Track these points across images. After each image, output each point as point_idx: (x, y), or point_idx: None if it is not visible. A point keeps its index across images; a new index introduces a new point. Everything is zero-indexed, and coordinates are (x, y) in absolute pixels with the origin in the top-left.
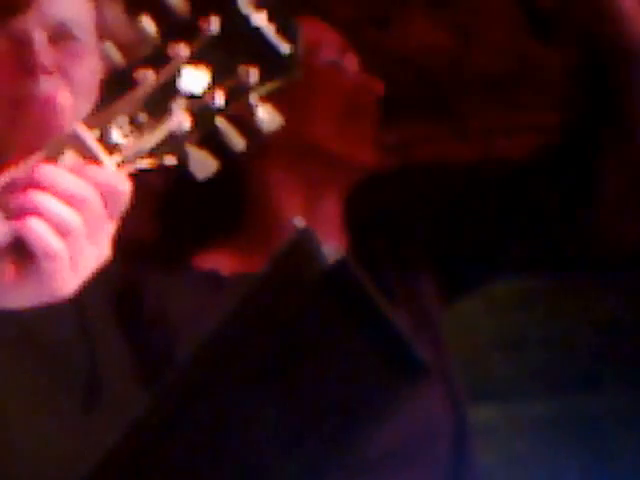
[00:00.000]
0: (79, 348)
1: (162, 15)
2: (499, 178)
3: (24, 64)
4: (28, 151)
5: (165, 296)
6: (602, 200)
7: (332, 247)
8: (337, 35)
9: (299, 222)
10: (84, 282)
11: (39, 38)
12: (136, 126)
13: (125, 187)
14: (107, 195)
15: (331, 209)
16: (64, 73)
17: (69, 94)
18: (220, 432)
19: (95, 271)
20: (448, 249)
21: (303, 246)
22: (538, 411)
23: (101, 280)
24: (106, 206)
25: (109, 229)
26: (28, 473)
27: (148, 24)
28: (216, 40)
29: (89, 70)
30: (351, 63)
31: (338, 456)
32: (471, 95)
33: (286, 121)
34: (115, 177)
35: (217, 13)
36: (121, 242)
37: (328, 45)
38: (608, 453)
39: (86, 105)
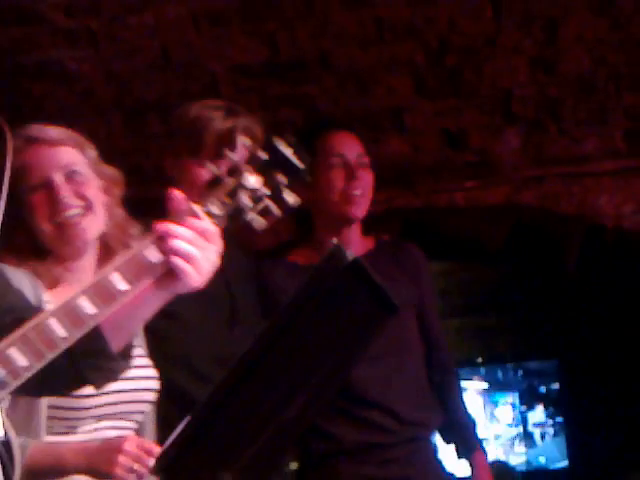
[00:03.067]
0: (226, 295)
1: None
2: None
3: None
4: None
5: (273, 273)
6: None
7: (351, 252)
8: None
9: (335, 241)
10: (209, 277)
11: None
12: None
13: (213, 228)
14: (206, 233)
15: (353, 234)
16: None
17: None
18: (295, 344)
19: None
20: None
21: (337, 252)
22: None
23: (242, 266)
24: (207, 239)
25: (213, 249)
26: (196, 349)
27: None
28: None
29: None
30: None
31: (350, 358)
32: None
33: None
34: (208, 224)
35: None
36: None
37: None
38: None
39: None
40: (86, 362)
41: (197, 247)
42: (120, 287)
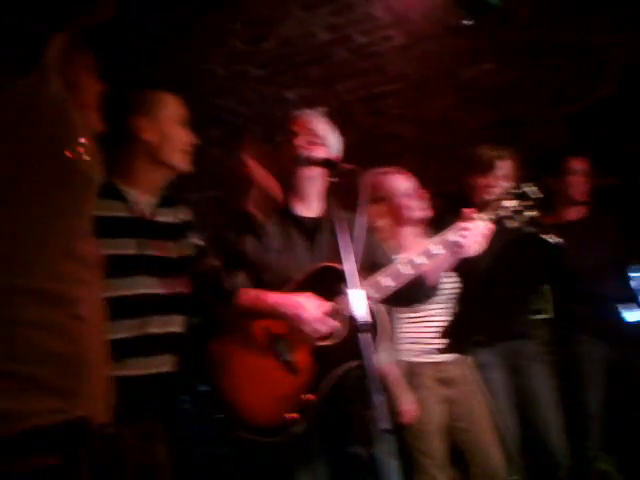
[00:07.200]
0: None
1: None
2: None
3: None
4: None
5: None
6: None
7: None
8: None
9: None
10: (480, 249)
11: None
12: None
13: (484, 226)
14: (481, 229)
15: None
16: None
17: None
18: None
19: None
20: None
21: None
22: None
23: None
24: (481, 232)
25: (483, 238)
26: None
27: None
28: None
29: None
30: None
31: None
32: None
33: None
34: (482, 224)
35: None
36: None
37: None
38: None
39: None
40: (418, 289)
41: (475, 235)
42: (436, 251)
